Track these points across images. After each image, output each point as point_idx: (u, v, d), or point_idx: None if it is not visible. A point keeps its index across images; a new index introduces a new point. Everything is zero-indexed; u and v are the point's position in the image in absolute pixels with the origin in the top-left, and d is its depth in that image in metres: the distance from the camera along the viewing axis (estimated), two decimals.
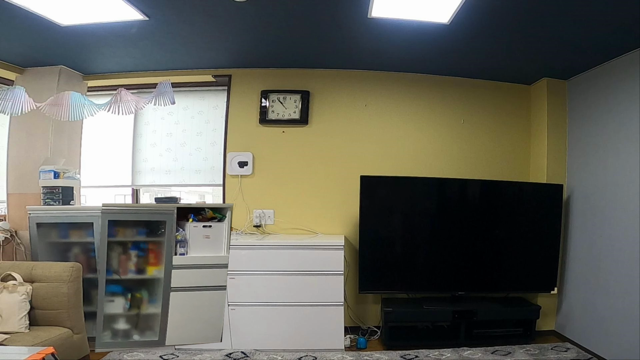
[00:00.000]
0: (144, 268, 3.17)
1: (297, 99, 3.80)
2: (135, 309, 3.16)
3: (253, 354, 3.13)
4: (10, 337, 2.39)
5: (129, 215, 3.14)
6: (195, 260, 3.11)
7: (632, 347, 2.87)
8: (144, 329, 3.15)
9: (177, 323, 3.09)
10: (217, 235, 3.17)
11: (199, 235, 3.14)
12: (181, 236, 3.12)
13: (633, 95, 3.00)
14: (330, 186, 3.78)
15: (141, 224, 3.18)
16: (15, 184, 3.58)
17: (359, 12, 2.65)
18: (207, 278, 3.11)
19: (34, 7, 2.53)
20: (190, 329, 3.12)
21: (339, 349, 3.25)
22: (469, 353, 3.25)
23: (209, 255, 3.13)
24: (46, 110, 2.94)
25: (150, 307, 3.17)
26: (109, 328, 3.12)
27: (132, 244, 3.18)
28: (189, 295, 3.09)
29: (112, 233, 3.09)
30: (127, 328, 3.15)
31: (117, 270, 3.13)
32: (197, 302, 3.11)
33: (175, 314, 3.08)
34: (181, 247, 3.12)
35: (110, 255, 3.09)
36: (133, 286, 3.17)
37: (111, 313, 3.11)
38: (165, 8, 2.64)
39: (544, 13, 2.57)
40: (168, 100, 3.04)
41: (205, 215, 3.22)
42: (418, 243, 3.63)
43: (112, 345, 3.10)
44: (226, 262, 3.16)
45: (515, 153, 3.94)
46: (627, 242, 3.00)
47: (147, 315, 3.16)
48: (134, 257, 3.16)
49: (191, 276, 3.09)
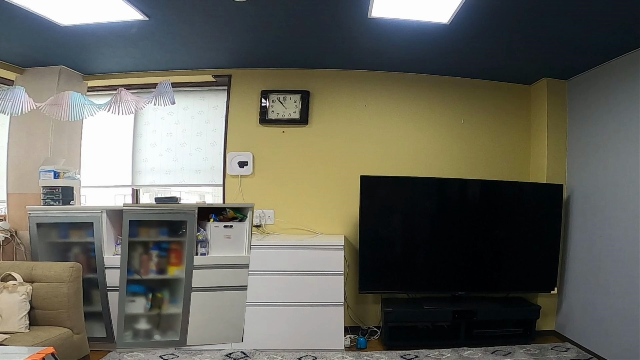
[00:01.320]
0: (165, 268, 3.19)
1: (297, 99, 3.80)
2: (156, 309, 3.19)
3: (253, 354, 3.13)
4: (10, 337, 2.39)
5: (151, 215, 3.14)
6: (216, 260, 3.14)
7: (632, 347, 2.87)
8: (165, 329, 3.18)
9: (198, 323, 3.11)
10: (238, 235, 3.20)
11: (220, 235, 3.17)
12: (202, 236, 3.16)
13: (633, 95, 3.00)
14: (330, 186, 3.78)
15: (162, 224, 3.20)
16: (15, 184, 3.58)
17: (359, 12, 2.65)
18: (228, 278, 3.14)
19: (34, 7, 2.53)
20: (211, 329, 3.14)
21: (339, 349, 3.25)
22: (469, 353, 3.25)
23: (230, 255, 3.16)
24: (46, 110, 2.94)
25: (171, 307, 3.20)
26: (130, 328, 3.15)
27: (154, 244, 3.20)
28: (210, 295, 3.12)
29: (133, 233, 3.11)
30: (149, 328, 3.18)
31: (138, 270, 3.16)
32: (218, 302, 3.13)
33: (197, 314, 3.10)
34: (202, 247, 3.15)
35: (131, 255, 3.12)
36: (154, 286, 3.19)
37: (132, 313, 3.14)
38: (165, 8, 2.64)
39: (544, 13, 2.57)
40: (168, 100, 3.04)
41: (226, 215, 3.25)
42: (418, 243, 3.63)
43: (133, 345, 3.12)
44: (247, 262, 3.17)
45: (515, 153, 3.94)
46: (627, 242, 3.00)
47: (169, 316, 3.18)
48: (155, 257, 3.19)
49: (212, 276, 3.11)
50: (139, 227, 3.15)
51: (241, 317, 3.17)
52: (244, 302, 3.17)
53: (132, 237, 3.10)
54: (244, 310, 3.17)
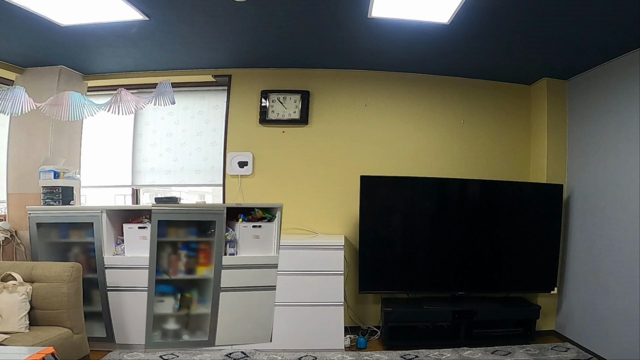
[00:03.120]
0: (194, 268, 3.21)
1: (297, 99, 3.80)
2: (185, 309, 3.21)
3: (253, 354, 3.12)
4: (10, 337, 2.39)
5: (179, 215, 3.16)
6: (245, 260, 3.15)
7: (632, 347, 2.87)
8: (194, 329, 3.19)
9: (227, 323, 3.13)
10: (266, 235, 3.21)
11: (248, 235, 3.19)
12: (231, 236, 3.17)
13: (633, 95, 3.00)
14: (330, 186, 3.78)
15: (191, 224, 3.21)
16: (15, 184, 3.58)
17: (359, 12, 2.65)
18: (257, 278, 3.15)
19: (34, 7, 2.54)
20: (240, 329, 3.15)
21: (339, 349, 3.25)
22: (469, 353, 3.25)
23: (258, 255, 3.17)
24: (46, 110, 2.94)
25: (200, 307, 3.21)
26: (159, 328, 3.16)
27: (182, 244, 3.22)
28: (238, 295, 3.13)
29: (162, 233, 3.12)
30: (177, 328, 3.19)
31: (166, 270, 3.17)
32: (246, 302, 3.14)
33: (225, 314, 3.12)
34: (231, 247, 3.17)
35: (160, 255, 3.13)
36: (183, 286, 3.21)
37: (161, 313, 3.15)
38: (165, 8, 2.64)
39: (544, 13, 2.57)
40: (168, 100, 3.04)
41: (254, 215, 3.27)
42: (418, 243, 3.63)
43: (162, 345, 3.13)
44: (276, 262, 3.19)
45: (515, 153, 3.94)
46: (627, 242, 3.00)
47: (197, 316, 3.19)
48: (184, 257, 3.21)
49: (241, 276, 3.13)
50: (167, 227, 3.17)
51: (270, 317, 3.18)
52: (272, 302, 3.18)
53: (160, 237, 3.12)
54: (272, 310, 3.18)
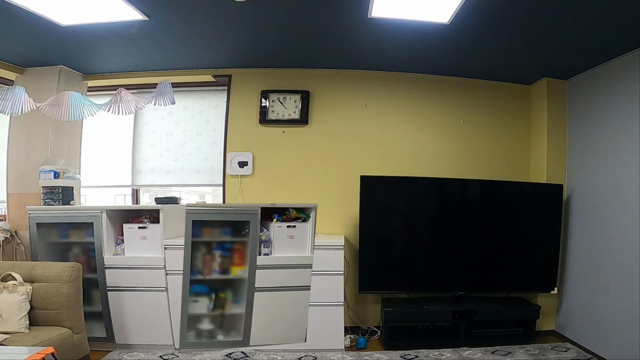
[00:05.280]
0: (228, 268, 3.22)
1: (297, 99, 3.80)
2: (219, 309, 3.21)
3: (253, 354, 3.12)
4: (10, 337, 2.39)
5: (214, 215, 3.17)
6: (279, 261, 3.15)
7: (632, 347, 2.87)
8: (229, 329, 3.19)
9: (261, 323, 3.13)
10: (301, 236, 3.22)
11: (283, 235, 3.19)
12: (265, 236, 3.17)
13: (633, 95, 3.00)
14: (330, 186, 3.78)
15: (225, 224, 3.21)
16: (15, 184, 3.58)
17: (359, 12, 2.65)
18: (291, 278, 3.16)
19: (34, 7, 2.54)
20: (274, 329, 3.16)
21: (339, 349, 3.25)
22: (469, 353, 3.25)
23: (293, 256, 3.18)
24: (46, 110, 2.94)
25: (234, 307, 3.22)
26: (193, 328, 3.17)
27: (217, 244, 3.22)
28: (272, 296, 3.13)
29: (196, 233, 3.13)
30: (212, 328, 3.20)
31: (201, 270, 3.18)
32: (281, 302, 3.15)
33: (259, 314, 3.12)
34: (265, 247, 3.17)
35: (194, 255, 3.13)
36: (217, 286, 3.21)
37: (195, 313, 3.16)
38: (165, 8, 2.64)
39: (544, 13, 2.57)
40: (168, 100, 3.04)
41: (289, 216, 3.27)
42: (418, 243, 3.63)
43: (196, 345, 3.14)
44: (310, 262, 3.19)
45: (515, 153, 3.95)
46: (627, 242, 3.00)
47: (232, 316, 3.20)
48: (218, 257, 3.21)
49: (275, 276, 3.13)
50: (201, 227, 3.17)
51: (304, 317, 3.18)
52: (306, 302, 3.19)
53: (195, 237, 3.12)
54: (307, 310, 3.19)
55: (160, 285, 3.15)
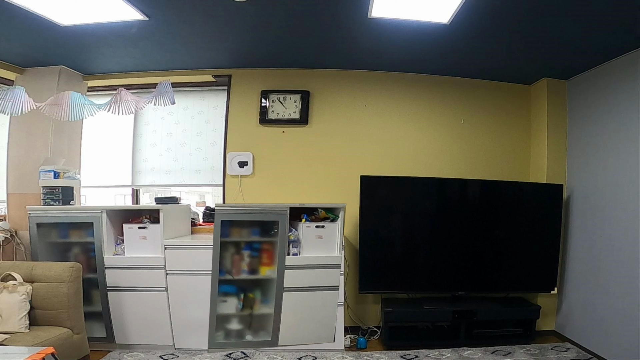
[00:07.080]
0: (257, 268, 3.22)
1: (297, 99, 3.80)
2: (248, 309, 3.23)
3: (253, 354, 3.12)
4: (10, 337, 2.39)
5: (243, 215, 3.17)
6: (307, 261, 3.16)
7: (632, 347, 2.87)
8: (257, 329, 3.21)
9: (289, 323, 3.14)
10: (329, 236, 3.22)
11: (311, 235, 3.19)
12: (294, 236, 3.18)
13: (633, 95, 3.00)
14: (330, 186, 3.78)
15: (254, 224, 3.22)
16: (15, 184, 3.58)
17: (359, 12, 2.65)
18: (320, 278, 3.16)
19: (34, 7, 2.54)
20: (303, 329, 3.16)
21: (339, 349, 3.25)
22: (469, 353, 3.25)
23: (321, 256, 3.18)
24: (46, 110, 2.95)
25: (263, 307, 3.23)
26: (222, 328, 3.17)
27: (245, 244, 3.23)
28: (301, 296, 3.14)
29: (225, 233, 3.14)
30: (240, 328, 3.21)
31: (230, 270, 3.18)
32: (309, 303, 3.15)
33: (288, 314, 3.13)
34: (294, 247, 3.18)
35: (223, 255, 3.14)
36: (246, 286, 3.22)
37: (224, 313, 3.17)
38: (165, 8, 2.64)
39: (544, 13, 2.57)
40: (168, 100, 3.04)
41: (317, 216, 3.28)
42: (418, 243, 3.63)
43: (225, 345, 3.14)
44: (339, 263, 3.20)
45: (515, 153, 3.95)
46: (627, 242, 3.01)
47: (260, 316, 3.21)
48: (247, 257, 3.22)
49: (304, 276, 3.14)
50: (230, 227, 3.18)
51: (333, 317, 3.19)
52: (335, 302, 3.19)
53: (223, 237, 3.13)
54: (335, 310, 3.19)
55: (160, 285, 3.15)
